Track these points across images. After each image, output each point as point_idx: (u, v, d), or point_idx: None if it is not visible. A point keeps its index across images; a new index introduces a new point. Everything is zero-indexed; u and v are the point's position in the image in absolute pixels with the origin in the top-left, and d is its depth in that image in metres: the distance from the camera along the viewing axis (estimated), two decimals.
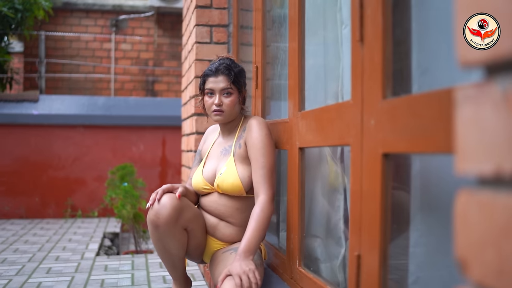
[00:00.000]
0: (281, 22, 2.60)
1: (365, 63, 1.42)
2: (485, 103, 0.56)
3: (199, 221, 2.16)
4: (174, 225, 1.99)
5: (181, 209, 2.01)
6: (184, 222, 2.04)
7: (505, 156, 0.53)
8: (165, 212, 1.95)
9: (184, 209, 2.03)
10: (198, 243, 2.18)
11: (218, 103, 2.16)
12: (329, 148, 1.98)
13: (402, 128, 1.23)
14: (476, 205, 0.58)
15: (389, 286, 1.41)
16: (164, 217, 1.95)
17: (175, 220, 1.98)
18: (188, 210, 2.06)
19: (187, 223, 2.06)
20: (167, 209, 1.96)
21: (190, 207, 2.09)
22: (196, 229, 2.13)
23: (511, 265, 0.52)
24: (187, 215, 2.04)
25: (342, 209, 1.89)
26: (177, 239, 2.05)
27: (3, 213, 5.72)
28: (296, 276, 2.04)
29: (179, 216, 1.99)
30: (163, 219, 1.95)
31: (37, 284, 2.85)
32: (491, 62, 0.57)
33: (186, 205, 2.06)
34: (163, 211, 1.96)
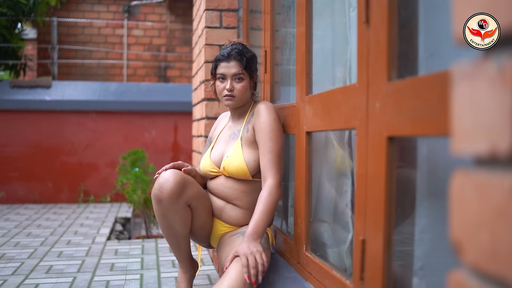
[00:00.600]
0: (289, 6, 2.57)
1: (371, 45, 1.40)
2: (481, 80, 0.54)
3: (203, 200, 2.16)
4: (177, 200, 2.00)
5: (185, 184, 2.02)
6: (188, 198, 2.04)
7: (500, 135, 0.51)
8: (168, 186, 1.96)
9: (187, 185, 2.03)
10: (202, 223, 2.18)
11: (229, 88, 2.17)
12: (336, 132, 1.96)
13: (406, 111, 1.20)
14: (472, 186, 0.56)
15: (394, 271, 1.40)
16: (167, 191, 1.96)
17: (178, 194, 1.99)
18: (192, 186, 2.07)
19: (190, 199, 2.06)
20: (170, 183, 1.96)
21: (195, 185, 2.10)
22: (200, 208, 2.14)
23: (504, 247, 0.50)
24: (190, 191, 2.05)
25: (350, 194, 1.88)
26: (180, 215, 2.05)
27: (17, 198, 5.78)
28: (303, 261, 2.03)
29: (182, 191, 2.00)
30: (166, 193, 1.96)
31: (48, 267, 2.88)
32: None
33: (190, 181, 2.07)
34: (166, 185, 1.96)
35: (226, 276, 1.79)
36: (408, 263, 1.45)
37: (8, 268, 2.87)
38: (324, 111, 1.81)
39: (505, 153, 0.51)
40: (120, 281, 2.61)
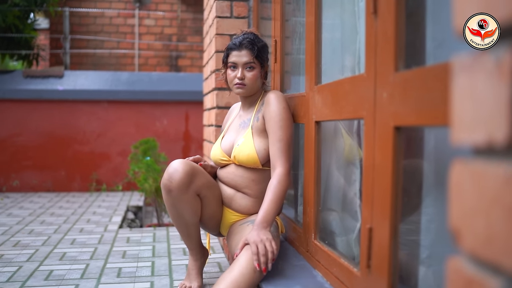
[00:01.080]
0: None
1: (379, 35, 1.41)
2: (479, 72, 0.56)
3: (213, 189, 2.19)
4: (186, 190, 2.02)
5: (194, 174, 2.04)
6: (197, 187, 2.07)
7: (497, 125, 0.53)
8: (178, 176, 1.99)
9: (197, 175, 2.06)
10: (212, 212, 2.21)
11: (240, 76, 2.19)
12: (345, 121, 1.98)
13: (413, 101, 1.22)
14: (469, 175, 0.58)
15: (401, 260, 1.42)
16: (176, 181, 1.99)
17: (188, 184, 2.01)
18: (201, 176, 2.09)
19: (200, 189, 2.09)
20: (180, 173, 1.99)
21: (204, 174, 2.13)
22: (210, 197, 2.16)
23: (498, 234, 0.52)
24: (200, 181, 2.08)
25: (358, 183, 1.89)
26: (190, 204, 2.08)
27: (31, 187, 5.85)
28: (312, 249, 2.06)
29: (192, 180, 2.03)
30: (176, 183, 1.99)
31: (62, 254, 2.93)
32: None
33: (199, 171, 2.10)
34: (176, 175, 1.99)
35: (236, 263, 1.82)
36: (415, 252, 1.47)
37: (23, 254, 2.92)
38: (332, 101, 1.83)
39: (501, 143, 0.52)
40: (132, 268, 2.66)
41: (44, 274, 2.54)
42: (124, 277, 2.50)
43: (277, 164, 2.08)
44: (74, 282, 2.41)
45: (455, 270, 0.60)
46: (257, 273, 1.82)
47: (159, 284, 2.39)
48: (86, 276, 2.51)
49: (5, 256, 2.89)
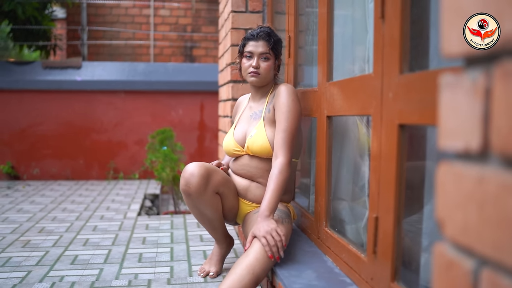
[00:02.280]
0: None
1: (386, 39, 1.51)
2: (460, 90, 0.67)
3: (229, 184, 2.30)
4: (204, 191, 2.14)
5: (209, 175, 2.15)
6: (214, 186, 2.18)
7: (472, 135, 0.64)
8: (194, 181, 2.10)
9: (212, 175, 2.17)
10: (231, 205, 2.33)
11: (255, 65, 2.28)
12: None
13: (416, 102, 1.33)
14: (452, 175, 0.69)
15: (404, 247, 1.54)
16: (194, 185, 2.10)
17: (205, 186, 2.13)
18: (216, 174, 2.20)
19: (217, 187, 2.20)
20: (196, 178, 2.10)
21: (218, 172, 2.23)
22: (227, 192, 2.28)
23: (471, 224, 0.63)
24: (216, 180, 2.18)
25: (367, 173, 2.00)
26: (210, 203, 2.20)
27: (50, 175, 6.03)
28: (323, 236, 2.18)
29: (208, 182, 2.14)
30: (193, 187, 2.11)
31: (85, 240, 3.08)
32: (466, 56, 0.67)
33: (214, 170, 2.20)
34: (192, 180, 2.10)
35: (251, 249, 1.94)
36: (417, 239, 1.58)
37: (49, 240, 3.08)
38: (343, 97, 1.94)
39: (475, 150, 0.64)
40: (152, 253, 2.80)
41: (70, 259, 2.69)
42: (145, 261, 2.65)
43: (279, 153, 2.16)
44: (99, 266, 2.56)
45: (439, 254, 0.71)
46: (271, 261, 1.94)
47: (178, 269, 2.53)
48: (109, 261, 2.66)
49: (32, 242, 3.05)
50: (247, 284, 1.84)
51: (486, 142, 0.62)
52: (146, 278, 2.39)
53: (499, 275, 0.58)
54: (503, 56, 0.60)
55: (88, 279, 2.36)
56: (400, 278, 1.47)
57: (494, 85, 0.60)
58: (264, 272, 1.91)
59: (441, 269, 0.71)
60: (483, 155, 0.63)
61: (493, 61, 0.61)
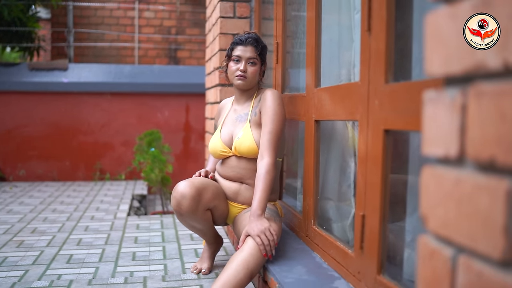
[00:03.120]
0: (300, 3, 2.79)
1: (372, 50, 1.64)
2: (440, 104, 0.79)
3: (219, 196, 2.39)
4: (196, 211, 2.25)
5: (200, 195, 2.24)
6: (205, 205, 2.28)
7: (451, 144, 0.76)
8: (186, 203, 2.20)
9: (202, 194, 2.25)
10: (222, 213, 2.44)
11: (243, 69, 2.38)
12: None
13: (400, 109, 1.45)
14: (433, 177, 0.81)
15: (389, 242, 1.66)
16: (185, 206, 2.21)
17: (196, 206, 2.23)
18: (206, 192, 2.28)
19: (208, 204, 2.30)
20: (187, 200, 2.20)
21: (208, 189, 2.31)
22: (218, 203, 2.38)
23: (451, 218, 0.75)
24: (206, 198, 2.28)
25: (353, 175, 2.13)
26: (201, 219, 2.32)
27: (36, 176, 6.07)
28: (311, 234, 2.30)
29: (199, 202, 2.24)
30: (185, 208, 2.21)
31: (78, 240, 3.16)
32: (445, 76, 0.79)
33: (204, 189, 2.27)
34: (184, 202, 2.20)
35: (245, 246, 2.04)
36: (401, 235, 1.71)
37: (42, 240, 3.15)
38: (331, 103, 2.06)
39: (453, 156, 0.76)
40: (145, 252, 2.89)
41: (65, 258, 2.77)
42: (139, 260, 2.74)
43: (265, 154, 2.26)
44: (94, 265, 2.65)
45: (423, 244, 0.83)
46: (263, 258, 2.05)
47: (172, 266, 2.63)
48: (104, 260, 2.74)
49: (26, 242, 3.12)
50: (242, 278, 1.95)
51: (462, 150, 0.74)
52: (141, 275, 2.49)
53: (473, 260, 0.70)
54: (476, 79, 0.72)
55: (85, 277, 2.45)
56: (386, 271, 1.59)
57: (469, 103, 0.72)
58: (258, 267, 2.02)
59: (425, 257, 0.83)
60: (460, 160, 0.75)
61: (468, 82, 0.73)
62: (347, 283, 1.84)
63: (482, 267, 0.68)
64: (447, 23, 0.78)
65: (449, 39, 0.77)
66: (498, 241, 0.66)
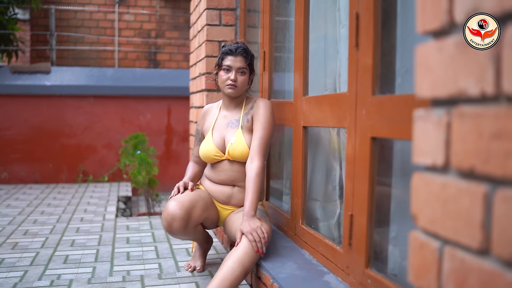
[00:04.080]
0: (289, 12, 2.95)
1: (359, 64, 1.80)
2: (429, 122, 0.95)
3: (208, 207, 2.51)
4: (186, 229, 2.38)
5: (189, 214, 2.36)
6: (196, 222, 2.42)
7: (438, 155, 0.92)
8: (176, 224, 2.33)
9: (192, 213, 2.38)
10: (212, 220, 2.58)
11: (234, 78, 2.50)
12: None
13: (385, 119, 1.62)
14: (423, 182, 0.97)
15: (375, 240, 1.83)
16: (176, 227, 2.34)
17: (186, 226, 2.37)
18: (195, 210, 2.41)
19: (198, 220, 2.44)
20: (177, 221, 2.32)
21: (197, 206, 2.43)
22: (207, 215, 2.51)
23: (437, 216, 0.91)
24: (196, 215, 2.41)
25: (338, 177, 2.29)
26: (192, 233, 2.46)
27: (19, 178, 6.11)
28: (299, 232, 2.46)
29: (189, 221, 2.37)
30: (176, 229, 2.35)
31: (72, 241, 3.27)
32: (433, 98, 0.95)
33: (193, 207, 2.40)
34: (174, 224, 2.33)
35: (240, 245, 2.19)
36: (385, 233, 1.88)
37: (36, 242, 3.25)
38: (319, 111, 2.22)
39: (440, 165, 0.92)
40: (139, 252, 3.02)
41: (61, 259, 2.88)
42: (133, 259, 2.87)
43: (255, 158, 2.41)
44: (91, 265, 2.77)
45: (414, 238, 0.99)
46: (257, 255, 2.20)
47: (166, 265, 2.76)
48: (99, 260, 2.86)
49: (20, 244, 3.21)
50: (238, 275, 2.10)
51: (447, 160, 0.90)
52: (138, 274, 2.61)
53: (456, 250, 0.86)
54: (459, 102, 0.88)
55: (84, 276, 2.57)
56: (373, 265, 1.76)
57: (453, 121, 0.88)
58: (252, 264, 2.17)
59: (415, 249, 0.99)
60: (445, 169, 0.91)
61: (452, 105, 0.89)
62: (336, 277, 2.00)
63: (464, 255, 0.84)
64: (434, 54, 0.94)
65: (436, 68, 0.93)
66: (477, 235, 0.82)
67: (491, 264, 0.80)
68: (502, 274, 0.77)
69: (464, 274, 0.85)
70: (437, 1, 0.92)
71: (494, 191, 0.79)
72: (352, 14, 1.85)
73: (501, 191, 0.78)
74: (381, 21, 1.72)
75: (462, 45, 0.87)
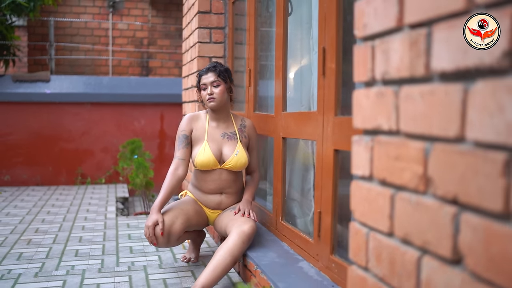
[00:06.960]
0: (270, 41, 3.37)
1: (325, 89, 2.22)
2: (360, 145, 1.37)
3: (190, 217, 2.82)
4: (168, 243, 2.71)
5: (169, 231, 2.66)
6: (177, 235, 2.71)
7: (365, 168, 1.34)
8: (158, 241, 2.66)
9: (172, 229, 2.67)
10: (200, 224, 2.95)
11: (210, 92, 2.87)
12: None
13: (344, 135, 2.04)
14: (357, 187, 1.39)
15: (338, 232, 2.25)
16: (159, 244, 2.68)
17: (168, 240, 2.68)
18: (175, 225, 2.69)
19: (181, 232, 2.73)
20: (159, 240, 2.65)
21: (177, 221, 2.71)
22: (192, 224, 2.85)
23: (366, 211, 1.33)
24: (178, 229, 2.70)
25: (312, 180, 2.71)
26: (177, 243, 2.81)
27: (21, 181, 6.48)
28: (279, 227, 2.88)
29: (170, 236, 2.68)
30: (159, 245, 2.69)
31: (79, 238, 3.66)
32: (363, 129, 1.37)
33: (172, 223, 2.68)
34: (160, 245, 2.67)
35: (230, 237, 2.59)
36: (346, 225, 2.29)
37: (48, 238, 3.64)
38: (295, 125, 2.64)
39: (367, 176, 1.34)
40: (140, 246, 3.42)
41: (72, 253, 3.28)
42: (136, 253, 3.27)
43: (256, 169, 3.02)
44: (99, 257, 3.17)
45: (352, 226, 1.40)
46: (244, 244, 2.60)
47: (165, 257, 3.17)
48: (106, 253, 3.26)
49: (33, 240, 3.60)
50: (228, 263, 2.50)
51: (371, 172, 1.32)
52: (141, 264, 3.01)
53: (376, 234, 1.28)
54: (378, 133, 1.29)
55: (95, 267, 2.97)
56: (336, 252, 2.18)
57: (375, 146, 1.30)
58: (240, 255, 2.57)
59: (353, 234, 1.41)
60: (370, 178, 1.33)
61: (375, 134, 1.31)
62: (308, 263, 2.42)
63: (380, 237, 1.26)
64: (364, 98, 1.36)
65: (365, 108, 1.35)
66: (386, 222, 1.24)
67: (395, 242, 1.22)
68: (399, 247, 1.19)
69: (380, 250, 1.27)
70: (365, 63, 1.34)
71: (396, 194, 1.21)
72: (320, 48, 2.27)
73: (400, 194, 1.20)
74: (342, 56, 2.14)
75: (380, 95, 1.29)
